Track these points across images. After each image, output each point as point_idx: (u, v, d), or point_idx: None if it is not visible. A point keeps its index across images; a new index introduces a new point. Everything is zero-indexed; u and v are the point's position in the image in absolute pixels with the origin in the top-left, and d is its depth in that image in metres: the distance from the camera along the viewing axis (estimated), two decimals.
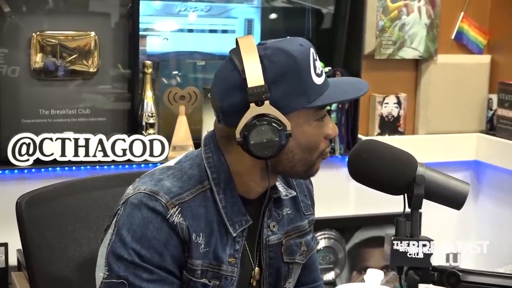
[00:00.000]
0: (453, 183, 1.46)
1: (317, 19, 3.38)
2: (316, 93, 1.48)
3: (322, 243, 3.28)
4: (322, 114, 1.52)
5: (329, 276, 3.31)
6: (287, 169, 1.53)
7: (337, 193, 3.27)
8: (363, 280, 1.76)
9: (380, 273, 1.61)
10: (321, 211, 2.47)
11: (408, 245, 1.39)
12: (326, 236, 3.29)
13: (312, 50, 1.50)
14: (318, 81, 1.49)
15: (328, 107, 3.05)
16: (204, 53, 3.21)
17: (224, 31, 3.23)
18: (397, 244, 1.39)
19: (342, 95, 1.54)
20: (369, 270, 1.61)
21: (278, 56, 1.46)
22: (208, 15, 3.21)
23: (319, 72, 1.50)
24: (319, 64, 1.51)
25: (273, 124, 1.43)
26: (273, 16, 3.33)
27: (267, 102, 1.43)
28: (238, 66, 1.46)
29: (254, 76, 1.43)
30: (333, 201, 3.26)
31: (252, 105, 1.43)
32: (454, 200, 1.46)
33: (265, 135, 1.42)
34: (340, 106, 3.21)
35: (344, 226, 3.33)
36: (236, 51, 1.47)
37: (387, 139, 3.19)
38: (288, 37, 1.53)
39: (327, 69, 3.18)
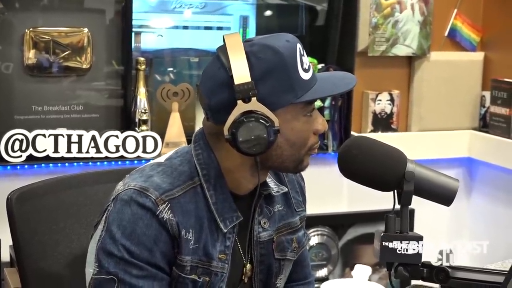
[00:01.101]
0: (442, 179, 1.47)
1: (310, 16, 3.39)
2: (303, 89, 1.48)
3: (315, 240, 3.28)
4: (310, 109, 1.52)
5: (322, 272, 3.32)
6: (276, 165, 1.54)
7: (330, 190, 3.27)
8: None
9: (368, 269, 1.61)
10: (314, 208, 2.47)
11: (398, 242, 1.39)
12: (319, 232, 3.29)
13: (299, 46, 1.50)
14: (306, 76, 1.49)
15: (320, 104, 3.11)
16: (198, 49, 3.20)
17: (219, 28, 3.23)
18: (386, 241, 1.39)
19: (329, 89, 1.54)
20: (356, 266, 1.62)
21: (265, 52, 1.46)
22: (203, 11, 3.20)
23: (306, 68, 1.50)
24: (306, 59, 1.51)
25: (261, 120, 1.43)
26: (268, 13, 3.33)
27: (254, 98, 1.43)
28: (225, 63, 1.46)
29: (241, 73, 1.43)
30: (326, 198, 3.27)
31: (240, 102, 1.43)
32: (444, 196, 1.46)
33: (253, 131, 1.43)
34: (333, 103, 3.21)
35: (337, 223, 3.33)
36: (223, 48, 1.47)
37: (380, 136, 3.21)
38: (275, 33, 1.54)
39: (320, 66, 3.18)
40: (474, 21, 3.51)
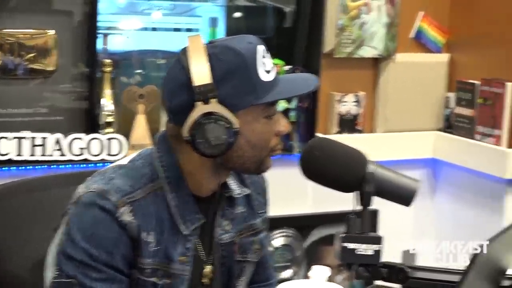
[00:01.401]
0: (403, 180, 1.48)
1: (279, 17, 3.39)
2: (264, 90, 1.49)
3: (279, 241, 3.28)
4: (272, 111, 1.53)
5: (287, 274, 3.32)
6: (237, 166, 1.54)
7: (295, 191, 3.27)
8: None
9: (326, 270, 1.61)
10: (279, 209, 2.47)
11: (357, 243, 1.40)
12: (283, 234, 3.29)
13: (260, 48, 1.50)
14: (267, 78, 1.49)
15: (286, 105, 3.12)
16: (166, 51, 3.19)
17: (189, 30, 3.22)
18: (346, 242, 1.40)
19: (291, 91, 1.55)
20: (314, 267, 1.62)
21: (226, 54, 1.47)
22: (172, 13, 3.19)
23: (269, 69, 1.51)
24: (268, 61, 1.52)
25: (220, 122, 1.43)
26: (237, 14, 3.33)
27: (214, 100, 1.44)
28: (185, 65, 1.47)
29: (201, 75, 1.44)
30: (290, 199, 3.26)
31: (199, 103, 1.43)
32: (404, 197, 1.47)
33: (212, 133, 1.43)
34: (299, 104, 3.22)
35: (301, 224, 3.33)
36: (185, 50, 1.48)
37: (346, 138, 3.21)
38: (239, 35, 1.54)
39: (287, 67, 3.19)
40: (440, 23, 3.53)
